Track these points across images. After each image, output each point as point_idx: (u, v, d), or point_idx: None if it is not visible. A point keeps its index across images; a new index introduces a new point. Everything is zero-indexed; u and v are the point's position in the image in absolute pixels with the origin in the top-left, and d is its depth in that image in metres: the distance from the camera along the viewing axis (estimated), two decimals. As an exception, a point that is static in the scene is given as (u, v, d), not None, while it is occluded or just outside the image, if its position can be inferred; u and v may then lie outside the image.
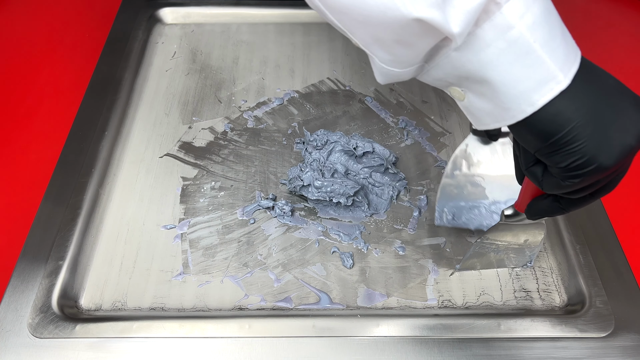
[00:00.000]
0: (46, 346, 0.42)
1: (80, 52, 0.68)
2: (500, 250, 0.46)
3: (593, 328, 0.43)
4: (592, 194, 0.34)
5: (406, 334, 0.43)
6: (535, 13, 0.29)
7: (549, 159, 0.31)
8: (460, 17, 0.29)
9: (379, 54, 0.33)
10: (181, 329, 0.43)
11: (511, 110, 0.31)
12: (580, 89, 0.30)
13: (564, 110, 0.30)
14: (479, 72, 0.31)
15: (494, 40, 0.29)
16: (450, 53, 0.31)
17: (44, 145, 0.57)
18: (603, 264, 0.47)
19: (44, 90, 0.64)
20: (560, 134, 0.30)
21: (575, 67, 0.30)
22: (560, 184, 0.32)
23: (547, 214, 0.37)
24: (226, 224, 0.51)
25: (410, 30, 0.30)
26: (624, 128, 0.30)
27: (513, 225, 0.43)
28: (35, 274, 0.46)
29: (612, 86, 0.31)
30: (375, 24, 0.31)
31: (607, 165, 0.30)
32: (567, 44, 0.31)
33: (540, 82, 0.30)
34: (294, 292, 0.46)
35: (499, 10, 0.29)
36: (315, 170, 0.52)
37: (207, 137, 0.59)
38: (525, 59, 0.29)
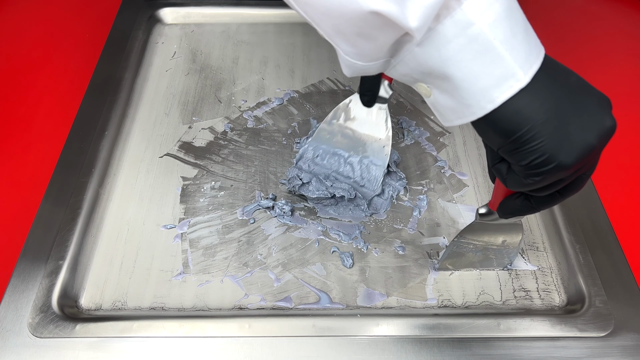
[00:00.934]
0: (46, 346, 0.42)
1: (80, 52, 0.68)
2: (479, 251, 0.46)
3: (592, 328, 0.43)
4: (561, 193, 0.34)
5: (406, 334, 0.43)
6: (496, 10, 0.29)
7: (511, 156, 0.31)
8: (418, 11, 0.29)
9: (343, 46, 0.34)
10: (181, 329, 0.43)
11: (472, 106, 0.31)
12: (542, 87, 0.30)
13: (524, 108, 0.30)
14: (440, 68, 0.31)
15: (455, 37, 0.29)
16: (413, 48, 0.31)
17: (44, 145, 0.57)
18: (603, 263, 0.47)
19: (44, 90, 0.64)
20: (520, 132, 0.30)
21: (536, 65, 0.30)
22: (523, 181, 0.32)
23: (519, 212, 0.37)
24: (226, 223, 0.51)
25: (369, 23, 0.30)
26: (585, 127, 0.30)
27: (488, 225, 0.43)
28: (35, 273, 0.46)
29: (575, 85, 0.31)
30: (336, 15, 0.31)
31: (567, 164, 0.30)
32: (530, 42, 0.30)
33: (499, 80, 0.30)
34: (293, 292, 0.46)
35: (459, 6, 0.29)
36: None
37: (207, 137, 0.59)
38: (485, 55, 0.29)
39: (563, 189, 0.34)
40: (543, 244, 0.50)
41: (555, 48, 0.69)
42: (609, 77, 0.66)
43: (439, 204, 0.53)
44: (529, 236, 0.50)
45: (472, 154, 0.57)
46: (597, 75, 0.66)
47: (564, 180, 0.32)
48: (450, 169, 0.56)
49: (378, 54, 0.33)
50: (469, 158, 0.57)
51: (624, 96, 0.64)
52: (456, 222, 0.51)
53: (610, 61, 0.68)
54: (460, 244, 0.45)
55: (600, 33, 0.72)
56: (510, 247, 0.46)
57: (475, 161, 0.56)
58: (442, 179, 0.55)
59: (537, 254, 0.49)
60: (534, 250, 0.49)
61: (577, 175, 0.33)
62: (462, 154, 0.57)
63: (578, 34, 0.72)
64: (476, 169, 0.56)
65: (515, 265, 0.48)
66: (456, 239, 0.45)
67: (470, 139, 0.59)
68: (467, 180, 0.55)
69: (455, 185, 0.54)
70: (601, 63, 0.68)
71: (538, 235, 0.50)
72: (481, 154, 0.57)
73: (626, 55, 0.69)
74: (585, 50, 0.70)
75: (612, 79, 0.66)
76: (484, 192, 0.54)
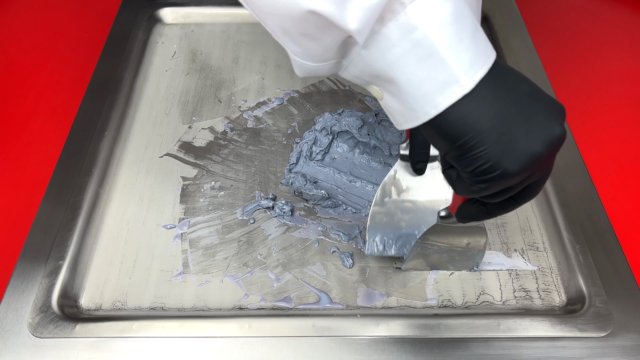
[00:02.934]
0: (46, 346, 0.42)
1: (80, 52, 0.68)
2: (444, 252, 0.46)
3: (593, 328, 0.43)
4: (515, 199, 0.34)
5: (406, 334, 0.43)
6: (442, 15, 0.29)
7: (457, 163, 0.31)
8: (358, 13, 0.28)
9: (289, 46, 0.34)
10: (181, 329, 0.43)
11: (416, 111, 0.31)
12: (487, 94, 0.30)
13: (468, 114, 0.30)
14: (386, 72, 0.31)
15: (399, 40, 0.29)
16: (360, 51, 0.31)
17: (44, 145, 0.57)
18: (603, 263, 0.47)
19: (44, 90, 0.64)
20: (464, 139, 0.30)
21: (482, 72, 0.30)
22: (470, 188, 0.32)
23: (475, 217, 0.37)
24: (226, 223, 0.51)
25: (311, 23, 0.30)
26: (532, 135, 0.30)
27: (450, 227, 0.42)
28: (35, 273, 0.46)
29: (524, 91, 0.31)
30: (279, 15, 0.31)
31: (512, 172, 0.30)
32: (478, 47, 0.30)
33: (443, 85, 0.29)
34: (293, 292, 0.46)
35: (403, 10, 0.29)
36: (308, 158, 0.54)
37: (207, 137, 0.59)
38: (429, 60, 0.29)
39: (517, 196, 0.34)
40: (543, 244, 0.50)
41: (555, 48, 0.70)
42: (609, 77, 0.66)
43: (439, 204, 0.53)
44: (529, 236, 0.50)
45: (472, 154, 0.57)
46: (597, 75, 0.66)
47: (514, 187, 0.32)
48: (450, 169, 0.56)
49: (326, 54, 0.33)
50: (469, 158, 0.57)
51: (624, 96, 0.64)
52: (456, 222, 0.51)
53: (610, 61, 0.68)
54: (425, 245, 0.45)
55: (600, 33, 0.72)
56: (476, 250, 0.46)
57: (475, 161, 0.56)
58: (442, 179, 0.55)
59: (537, 254, 0.49)
60: (534, 251, 0.49)
61: (529, 183, 0.32)
62: (462, 154, 0.57)
63: (578, 34, 0.72)
64: (476, 169, 0.56)
65: (515, 265, 0.48)
66: (420, 240, 0.45)
67: (470, 139, 0.59)
68: (467, 180, 0.55)
69: (455, 185, 0.54)
70: (601, 63, 0.68)
71: (538, 236, 0.50)
72: (481, 154, 0.57)
73: (626, 55, 0.69)
74: (585, 50, 0.70)
75: (612, 79, 0.66)
76: (484, 192, 0.54)
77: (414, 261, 0.47)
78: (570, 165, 0.54)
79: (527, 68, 0.64)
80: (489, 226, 0.51)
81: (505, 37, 0.68)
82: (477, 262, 0.47)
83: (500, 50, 0.67)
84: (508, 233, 0.50)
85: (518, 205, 0.35)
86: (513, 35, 0.68)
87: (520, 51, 0.66)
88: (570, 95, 0.63)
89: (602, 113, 0.62)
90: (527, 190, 0.34)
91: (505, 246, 0.49)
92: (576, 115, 0.61)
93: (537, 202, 0.52)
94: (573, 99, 0.63)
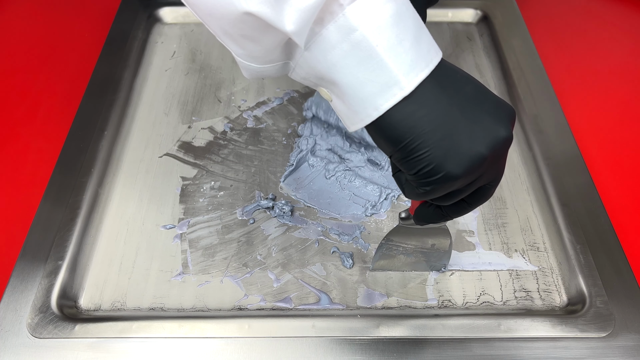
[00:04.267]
0: (46, 346, 0.42)
1: (80, 52, 0.68)
2: (410, 253, 0.46)
3: (593, 328, 0.43)
4: (469, 202, 0.34)
5: (406, 334, 0.43)
6: (382, 16, 0.29)
7: (401, 165, 0.31)
8: (294, 15, 0.28)
9: (232, 47, 0.33)
10: (181, 329, 0.43)
11: (359, 113, 0.31)
12: (429, 96, 0.30)
13: (410, 116, 0.29)
14: (329, 74, 0.31)
15: (339, 42, 0.29)
16: (303, 52, 0.31)
17: (43, 145, 0.57)
18: (603, 263, 0.47)
19: (43, 90, 0.63)
20: (406, 141, 0.30)
21: (424, 73, 0.29)
22: (416, 191, 0.32)
23: (432, 220, 0.37)
24: (226, 223, 0.51)
25: (248, 25, 0.30)
26: (475, 136, 0.29)
27: (413, 229, 0.42)
28: (34, 274, 0.46)
29: (469, 93, 0.31)
30: (218, 16, 0.31)
31: (455, 174, 0.30)
32: (420, 49, 0.30)
33: (383, 87, 0.29)
34: (293, 292, 0.46)
35: (342, 11, 0.28)
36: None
37: (207, 137, 0.58)
38: (369, 62, 0.29)
39: (469, 198, 0.34)
40: (544, 244, 0.49)
41: (556, 48, 0.69)
42: (610, 77, 0.66)
43: (439, 204, 0.52)
44: (529, 236, 0.50)
45: (473, 154, 0.57)
46: (598, 75, 0.66)
47: (463, 190, 0.32)
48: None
49: (269, 56, 0.33)
50: (469, 158, 0.57)
51: (624, 96, 0.64)
52: (456, 222, 0.51)
53: (611, 61, 0.68)
54: (389, 246, 0.45)
55: (601, 33, 0.72)
56: (441, 251, 0.46)
57: (476, 161, 0.56)
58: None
59: (538, 254, 0.49)
60: (534, 251, 0.49)
61: (480, 185, 0.32)
62: (462, 154, 0.57)
63: (579, 34, 0.72)
64: (476, 169, 0.56)
65: (515, 265, 0.48)
66: (384, 241, 0.45)
67: (471, 139, 0.58)
68: (468, 180, 0.55)
69: (455, 185, 0.54)
70: (602, 63, 0.68)
71: (539, 236, 0.50)
72: (481, 153, 0.57)
73: (627, 54, 0.69)
74: (586, 50, 0.70)
75: (613, 79, 0.65)
76: (484, 192, 0.53)
77: (382, 262, 0.47)
78: (571, 165, 0.54)
79: (528, 68, 0.64)
80: (490, 226, 0.51)
81: (506, 37, 0.68)
82: (444, 264, 0.47)
83: (501, 50, 0.66)
84: (509, 233, 0.50)
85: (472, 208, 0.35)
86: (513, 35, 0.68)
87: (520, 51, 0.66)
88: (570, 94, 0.63)
89: (603, 113, 0.62)
90: (479, 193, 0.33)
91: (506, 246, 0.49)
92: (577, 114, 0.60)
93: (537, 203, 0.52)
94: (573, 98, 0.63)
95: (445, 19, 0.73)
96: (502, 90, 0.63)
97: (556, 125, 0.58)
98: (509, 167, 0.56)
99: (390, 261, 0.47)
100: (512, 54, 0.65)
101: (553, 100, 0.60)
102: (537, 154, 0.56)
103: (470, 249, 0.49)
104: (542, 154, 0.55)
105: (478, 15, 0.73)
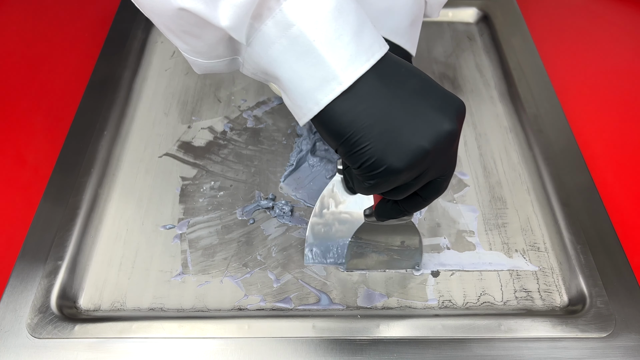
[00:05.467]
0: (45, 347, 0.42)
1: (79, 51, 0.68)
2: (381, 251, 0.46)
3: (594, 328, 0.43)
4: (423, 197, 0.34)
5: (406, 335, 0.43)
6: (320, 12, 0.29)
7: (346, 159, 0.31)
8: (229, 11, 0.28)
9: (177, 43, 0.34)
10: (180, 330, 0.43)
11: (302, 108, 0.31)
12: (369, 91, 0.30)
13: (350, 110, 0.30)
14: (271, 69, 0.31)
15: (278, 38, 0.29)
16: (247, 48, 0.31)
17: (42, 145, 0.57)
18: (604, 264, 0.47)
19: (42, 90, 0.63)
20: (347, 135, 0.30)
21: (364, 68, 0.30)
22: (363, 185, 0.32)
23: (391, 215, 0.37)
24: (225, 224, 0.51)
25: (185, 20, 0.30)
26: (417, 130, 0.30)
27: (380, 226, 0.43)
28: (34, 274, 0.46)
29: (413, 87, 0.31)
30: (158, 12, 0.31)
31: (397, 168, 0.30)
32: (361, 43, 0.30)
33: (322, 82, 0.29)
34: (293, 293, 0.46)
35: (279, 7, 0.29)
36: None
37: (207, 137, 0.58)
38: (307, 57, 0.29)
39: (423, 193, 0.34)
40: (544, 244, 0.49)
41: (556, 47, 0.69)
42: (611, 77, 0.66)
43: (439, 204, 0.52)
44: (530, 236, 0.50)
45: (473, 154, 0.57)
46: (599, 74, 0.66)
47: (412, 184, 0.32)
48: (450, 169, 0.55)
49: (214, 51, 0.33)
50: (470, 158, 0.57)
51: (625, 95, 0.63)
52: (457, 222, 0.51)
53: (612, 60, 0.68)
54: (359, 244, 0.45)
55: (601, 32, 0.72)
56: (412, 248, 0.46)
57: (476, 161, 0.56)
58: (443, 179, 0.55)
59: (538, 254, 0.49)
60: (535, 251, 0.49)
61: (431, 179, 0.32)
62: (463, 154, 0.57)
63: (579, 34, 0.72)
64: (477, 169, 0.55)
65: (516, 265, 0.48)
66: (353, 239, 0.45)
67: (471, 139, 0.58)
68: (468, 180, 0.55)
69: (456, 185, 0.54)
70: (602, 62, 0.68)
71: (539, 236, 0.50)
72: (482, 153, 0.57)
73: (627, 54, 0.69)
74: (586, 50, 0.70)
75: (613, 79, 0.65)
76: (485, 192, 0.53)
77: (354, 261, 0.47)
78: (571, 165, 0.54)
79: (528, 68, 0.64)
80: (490, 226, 0.51)
81: (506, 37, 0.68)
82: (417, 262, 0.47)
83: (501, 50, 0.66)
84: (509, 233, 0.50)
85: (427, 203, 0.35)
86: (514, 35, 0.68)
87: (521, 51, 0.66)
88: (571, 94, 0.63)
89: (604, 112, 0.62)
90: (431, 187, 0.33)
91: (506, 246, 0.49)
92: (577, 114, 0.60)
93: (538, 202, 0.52)
94: (574, 98, 0.63)
95: (446, 18, 0.73)
96: (502, 89, 0.63)
97: (556, 124, 0.57)
98: (509, 166, 0.56)
99: (362, 260, 0.47)
100: (512, 54, 0.65)
101: (553, 100, 0.60)
102: (538, 154, 0.55)
103: (470, 249, 0.49)
104: (543, 153, 0.55)
105: (478, 15, 0.72)
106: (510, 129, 0.59)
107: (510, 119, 0.60)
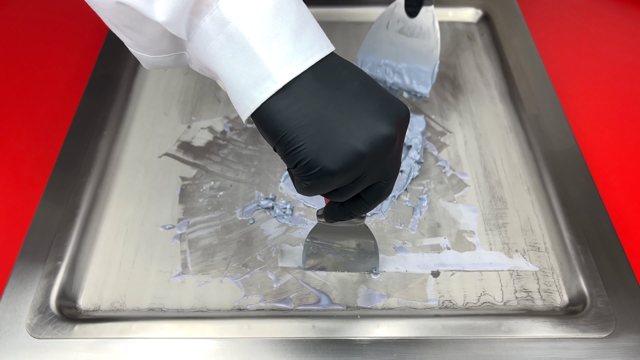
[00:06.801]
0: (45, 347, 0.42)
1: (79, 51, 0.68)
2: (338, 253, 0.46)
3: (594, 328, 0.43)
4: (366, 201, 0.34)
5: (406, 335, 0.43)
6: (258, 10, 0.29)
7: (283, 159, 0.31)
8: (165, 6, 0.29)
9: (121, 37, 0.34)
10: (180, 330, 0.43)
11: (239, 105, 0.31)
12: (306, 90, 0.30)
13: (285, 110, 0.30)
14: (210, 65, 0.31)
15: (215, 34, 0.30)
16: (188, 44, 0.32)
17: (42, 145, 0.57)
18: (604, 264, 0.47)
19: (42, 90, 0.63)
20: (282, 134, 0.30)
21: (301, 68, 0.30)
22: (300, 186, 0.32)
23: (339, 217, 0.37)
24: (225, 224, 0.51)
25: (124, 15, 0.31)
26: (352, 133, 0.29)
27: (334, 227, 0.43)
28: (33, 274, 0.45)
29: (352, 90, 0.31)
30: (100, 6, 0.31)
31: (332, 170, 0.30)
32: (300, 43, 0.30)
33: (257, 80, 0.29)
34: (293, 293, 0.46)
35: (216, 4, 0.29)
36: None
37: (206, 137, 0.58)
38: (242, 54, 0.29)
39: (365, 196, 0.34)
40: (544, 245, 0.49)
41: (557, 48, 0.69)
42: (611, 77, 0.66)
43: (439, 204, 0.52)
44: (530, 236, 0.50)
45: (473, 154, 0.57)
46: (599, 74, 0.66)
47: (351, 187, 0.32)
48: (451, 169, 0.55)
49: (157, 46, 0.33)
50: (470, 158, 0.57)
51: (625, 96, 0.63)
52: (457, 223, 0.51)
53: (612, 61, 0.68)
54: (314, 244, 0.45)
55: (601, 33, 0.72)
56: (368, 251, 0.46)
57: (477, 161, 0.56)
58: (443, 179, 0.55)
59: (539, 254, 0.49)
60: (535, 251, 0.49)
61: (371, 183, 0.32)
62: (463, 154, 0.57)
63: (580, 34, 0.72)
64: (477, 169, 0.55)
65: (516, 266, 0.48)
66: (309, 239, 0.45)
67: (472, 139, 0.58)
68: (468, 180, 0.54)
69: (456, 185, 0.54)
70: (603, 62, 0.68)
71: (539, 236, 0.50)
72: (482, 153, 0.57)
73: (628, 54, 0.69)
74: (587, 50, 0.70)
75: (613, 79, 0.65)
76: (485, 192, 0.53)
77: (312, 261, 0.47)
78: (571, 165, 0.54)
79: (529, 67, 0.63)
80: (490, 226, 0.51)
81: (507, 37, 0.68)
82: (374, 266, 0.47)
83: (502, 50, 0.66)
84: (509, 233, 0.50)
85: (370, 206, 0.35)
86: (514, 35, 0.68)
87: (521, 50, 0.66)
88: (571, 94, 0.63)
89: (604, 113, 0.62)
90: (372, 191, 0.33)
91: (507, 247, 0.49)
92: (577, 114, 0.60)
93: (538, 203, 0.52)
94: (574, 98, 0.63)
95: (446, 18, 0.73)
96: (502, 89, 0.63)
97: (557, 124, 0.57)
98: (509, 166, 0.55)
99: (320, 260, 0.47)
100: (512, 54, 0.65)
101: (554, 100, 0.60)
102: (538, 154, 0.55)
103: (470, 249, 0.49)
104: (543, 153, 0.55)
105: (479, 15, 0.72)
106: (511, 129, 0.59)
107: (511, 119, 0.60)
